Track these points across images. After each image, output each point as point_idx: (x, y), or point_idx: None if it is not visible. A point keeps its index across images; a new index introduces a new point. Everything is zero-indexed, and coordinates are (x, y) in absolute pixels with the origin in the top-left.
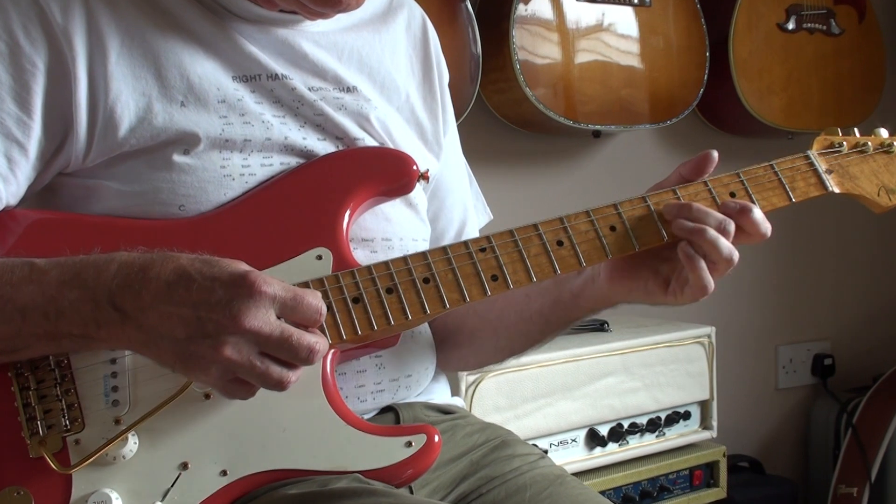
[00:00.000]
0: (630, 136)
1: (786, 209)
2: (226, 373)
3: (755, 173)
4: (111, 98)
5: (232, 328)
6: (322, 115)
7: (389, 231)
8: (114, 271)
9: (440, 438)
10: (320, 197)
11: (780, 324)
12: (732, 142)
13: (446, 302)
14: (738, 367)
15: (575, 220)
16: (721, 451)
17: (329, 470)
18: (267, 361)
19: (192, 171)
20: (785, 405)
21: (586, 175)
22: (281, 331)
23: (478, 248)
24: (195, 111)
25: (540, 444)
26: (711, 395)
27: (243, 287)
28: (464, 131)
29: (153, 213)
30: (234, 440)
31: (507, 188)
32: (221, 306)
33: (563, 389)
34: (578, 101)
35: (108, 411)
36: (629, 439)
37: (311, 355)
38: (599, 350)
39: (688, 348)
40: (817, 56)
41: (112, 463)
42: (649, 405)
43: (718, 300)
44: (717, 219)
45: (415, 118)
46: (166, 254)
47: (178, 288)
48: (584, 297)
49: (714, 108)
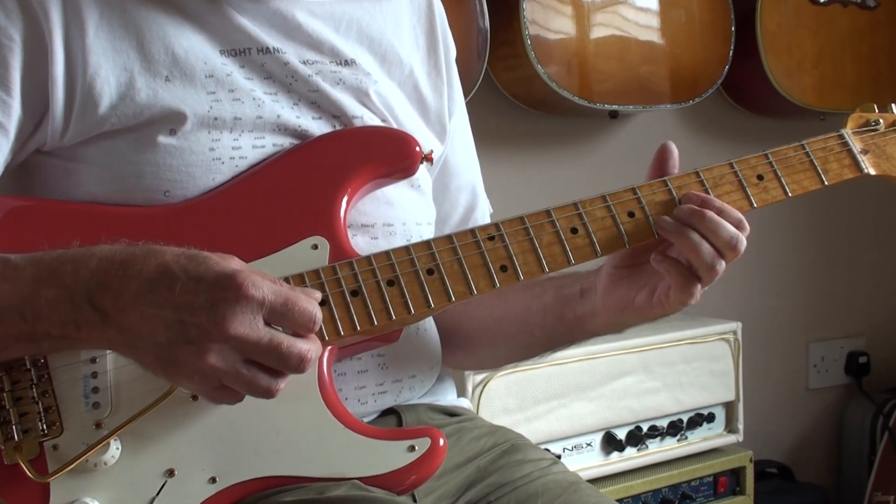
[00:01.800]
0: (649, 117)
1: (818, 193)
2: (210, 380)
3: (784, 154)
4: (90, 73)
5: (216, 334)
6: (317, 92)
7: (391, 215)
8: (93, 268)
9: (445, 442)
10: (316, 181)
11: (811, 319)
12: (760, 123)
13: (452, 295)
14: (766, 366)
15: (590, 205)
16: (747, 456)
17: (326, 476)
18: (254, 369)
19: (179, 154)
20: (816, 407)
21: (602, 159)
22: (269, 339)
23: (486, 237)
24: (181, 86)
25: (552, 448)
26: (737, 396)
27: (230, 290)
28: (470, 112)
29: (136, 199)
30: (225, 445)
31: (516, 173)
32: (205, 310)
33: (577, 390)
34: (594, 80)
35: (89, 414)
36: (648, 443)
37: (301, 364)
38: (617, 347)
39: (712, 345)
40: (851, 30)
41: (93, 470)
42: (670, 407)
43: (745, 293)
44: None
45: (418, 95)
46: (150, 248)
47: (160, 288)
48: (587, 320)
49: (740, 87)
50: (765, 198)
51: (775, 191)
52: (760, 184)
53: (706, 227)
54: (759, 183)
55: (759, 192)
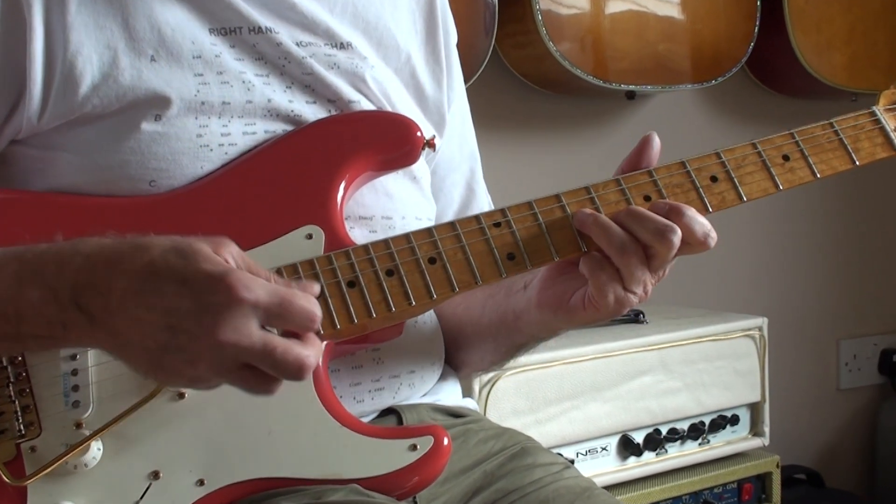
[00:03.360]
0: (669, 98)
1: (849, 177)
2: (202, 385)
3: (812, 133)
4: (70, 51)
5: (205, 341)
6: (311, 75)
7: (391, 208)
8: (78, 265)
9: (450, 441)
10: (311, 168)
11: (842, 314)
12: (787, 104)
13: (455, 284)
14: (794, 365)
15: (604, 189)
16: (774, 461)
17: (322, 478)
18: (248, 376)
19: (164, 141)
20: (848, 408)
21: (618, 143)
22: (263, 344)
23: (491, 223)
24: (167, 67)
25: (565, 452)
26: (763, 397)
27: (219, 293)
28: (477, 92)
29: (119, 189)
30: (213, 445)
31: (526, 158)
32: (194, 316)
33: (591, 390)
34: (609, 58)
35: (69, 414)
36: (668, 448)
37: (300, 371)
38: (634, 345)
39: (736, 343)
40: (885, 5)
41: (73, 472)
42: (691, 408)
43: (772, 287)
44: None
45: (415, 83)
46: (137, 243)
47: (147, 290)
48: (523, 318)
49: (766, 66)
50: (791, 179)
51: (802, 171)
52: (786, 164)
53: (628, 216)
54: (784, 163)
55: (785, 174)
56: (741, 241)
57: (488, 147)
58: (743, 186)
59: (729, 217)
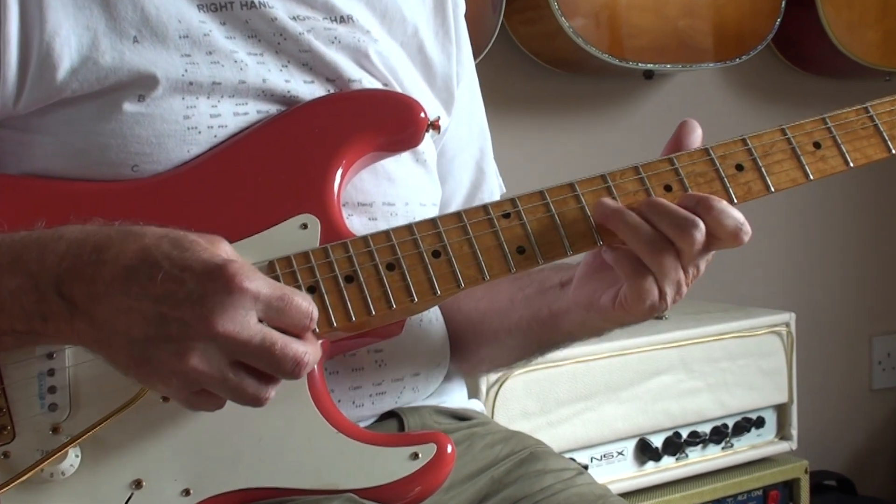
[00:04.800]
0: (689, 78)
1: (884, 166)
2: (190, 385)
3: (845, 118)
4: (48, 32)
5: (201, 331)
6: (309, 52)
7: (392, 194)
8: (61, 252)
9: (454, 449)
10: (305, 151)
11: (875, 309)
12: (817, 84)
13: (461, 280)
14: (824, 363)
15: (621, 177)
16: (802, 466)
17: (316, 488)
18: (241, 373)
19: (148, 123)
20: (881, 410)
21: (635, 126)
22: (262, 337)
23: (500, 214)
24: (151, 48)
25: (578, 457)
26: (790, 398)
27: (219, 281)
28: (484, 71)
29: (100, 174)
30: (200, 452)
31: (536, 142)
32: (190, 303)
33: (606, 390)
34: (626, 35)
35: (44, 417)
36: (688, 452)
37: (297, 368)
38: (652, 342)
39: (761, 339)
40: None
41: (48, 481)
42: (713, 410)
43: (800, 280)
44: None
45: (423, 57)
46: (128, 229)
47: (139, 276)
48: (561, 318)
49: (794, 43)
50: (822, 168)
51: (834, 160)
52: (817, 152)
53: (647, 208)
54: (815, 151)
55: (816, 162)
56: (767, 231)
57: (495, 131)
58: (771, 176)
59: (754, 204)
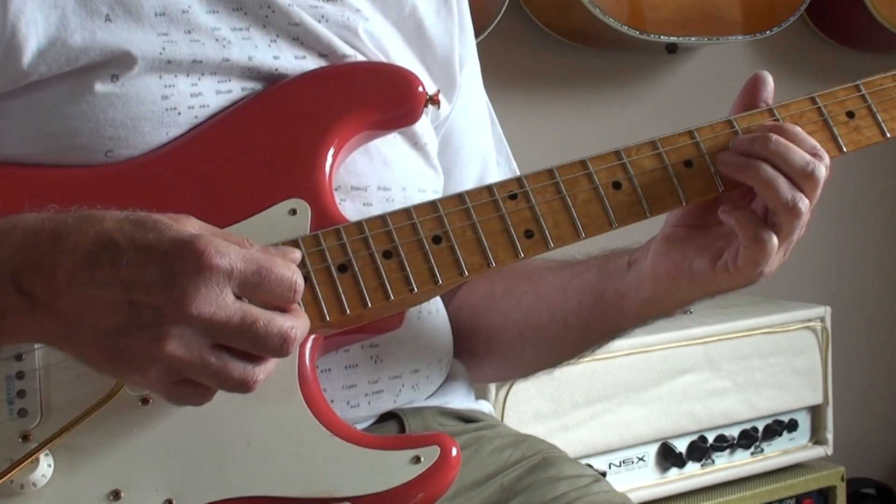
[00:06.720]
0: (716, 52)
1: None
2: (170, 374)
3: (880, 84)
4: (11, 13)
5: (175, 315)
6: (299, 25)
7: (388, 178)
8: (17, 243)
9: (459, 452)
10: (294, 130)
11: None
12: (853, 58)
13: (464, 268)
14: (862, 362)
15: (637, 153)
16: (839, 473)
17: (310, 497)
18: (224, 356)
19: (123, 104)
20: None
21: (656, 103)
22: (241, 316)
23: (506, 195)
24: (125, 26)
25: (595, 463)
26: (825, 399)
27: (188, 259)
28: (494, 44)
29: (70, 161)
30: (182, 459)
31: (548, 119)
32: (160, 287)
33: (626, 391)
34: (647, 6)
35: (13, 423)
36: (715, 458)
37: (284, 344)
38: (676, 338)
39: (794, 335)
40: None
41: (19, 493)
42: (742, 412)
43: (835, 271)
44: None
45: (420, 38)
46: (86, 214)
47: (102, 262)
48: (630, 297)
49: (829, 14)
50: (857, 139)
51: (869, 130)
52: (851, 122)
53: (773, 152)
54: (849, 122)
55: (850, 133)
56: None
57: (505, 107)
58: None
59: None
